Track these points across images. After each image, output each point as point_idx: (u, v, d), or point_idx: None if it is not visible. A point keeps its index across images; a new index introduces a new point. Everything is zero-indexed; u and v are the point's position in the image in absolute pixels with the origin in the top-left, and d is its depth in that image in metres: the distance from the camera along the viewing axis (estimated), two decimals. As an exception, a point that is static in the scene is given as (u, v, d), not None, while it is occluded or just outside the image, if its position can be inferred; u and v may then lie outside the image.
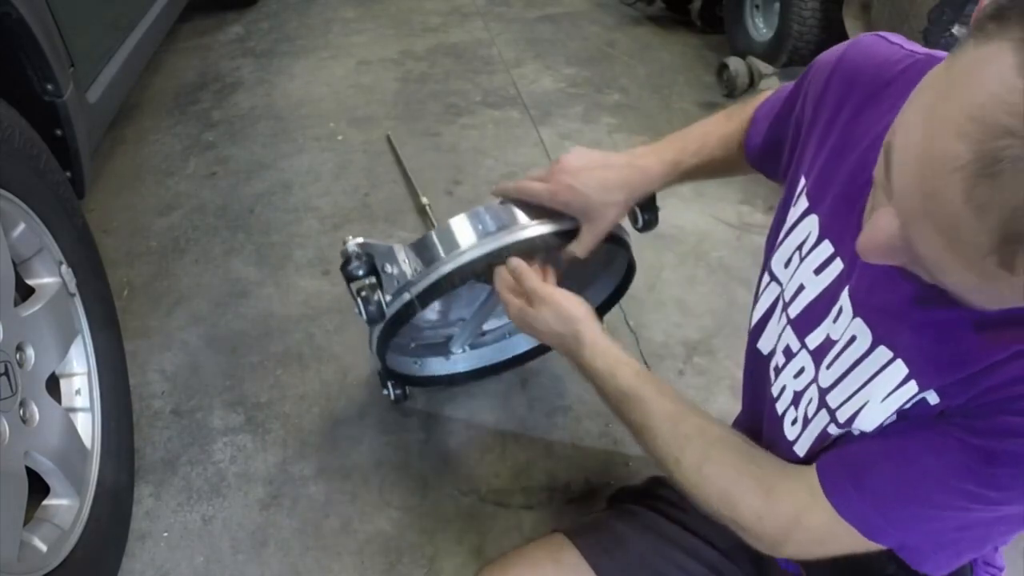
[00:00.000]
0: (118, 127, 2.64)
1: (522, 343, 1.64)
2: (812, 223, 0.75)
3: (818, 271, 0.73)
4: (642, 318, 1.82)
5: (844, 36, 2.60)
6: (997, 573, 0.82)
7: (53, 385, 1.21)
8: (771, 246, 0.84)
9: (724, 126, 1.00)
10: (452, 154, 2.52)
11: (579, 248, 1.08)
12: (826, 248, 0.73)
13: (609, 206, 1.03)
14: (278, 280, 1.98)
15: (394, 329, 1.18)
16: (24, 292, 1.16)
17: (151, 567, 1.33)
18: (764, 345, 0.82)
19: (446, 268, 1.09)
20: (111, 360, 1.35)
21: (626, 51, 3.35)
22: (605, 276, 1.50)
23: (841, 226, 0.72)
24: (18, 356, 1.08)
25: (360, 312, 1.12)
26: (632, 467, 1.48)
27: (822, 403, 0.71)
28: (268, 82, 3.07)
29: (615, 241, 1.18)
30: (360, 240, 1.12)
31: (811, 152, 0.79)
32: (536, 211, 1.11)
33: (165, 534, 1.38)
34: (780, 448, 0.77)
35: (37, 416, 1.10)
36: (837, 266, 0.72)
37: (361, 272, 1.12)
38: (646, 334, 1.78)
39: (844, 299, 0.70)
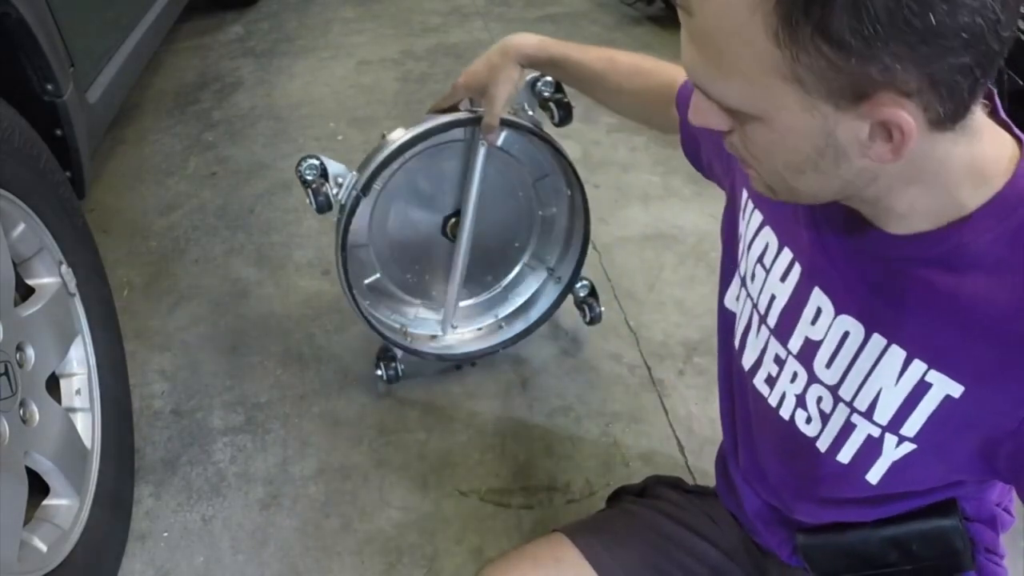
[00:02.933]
0: (118, 127, 2.63)
1: (518, 327, 1.66)
2: (768, 234, 0.77)
3: (783, 278, 0.75)
4: (642, 318, 1.83)
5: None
6: (999, 560, 0.82)
7: (53, 385, 1.21)
8: (733, 260, 0.85)
9: (620, 54, 1.13)
10: (452, 154, 2.52)
11: (488, 116, 1.30)
12: (786, 255, 0.74)
13: (494, 70, 1.24)
14: (278, 280, 1.98)
15: (348, 223, 1.37)
16: (24, 292, 1.16)
17: (151, 567, 1.33)
18: (747, 361, 0.82)
19: (380, 156, 1.36)
20: (111, 360, 1.35)
21: (626, 51, 3.34)
22: (576, 231, 1.59)
23: (790, 230, 0.74)
24: (18, 356, 1.08)
25: (311, 202, 1.34)
26: (632, 467, 1.48)
27: (836, 399, 0.71)
28: (268, 82, 3.07)
29: (536, 134, 1.41)
30: (315, 154, 1.36)
31: None
32: (454, 111, 1.38)
33: (165, 534, 1.38)
34: (801, 452, 0.77)
35: (37, 416, 1.10)
36: (797, 269, 0.73)
37: (311, 175, 1.35)
38: (646, 334, 1.78)
39: (818, 298, 0.71)
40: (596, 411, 1.60)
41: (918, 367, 0.63)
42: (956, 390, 0.61)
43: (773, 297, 0.76)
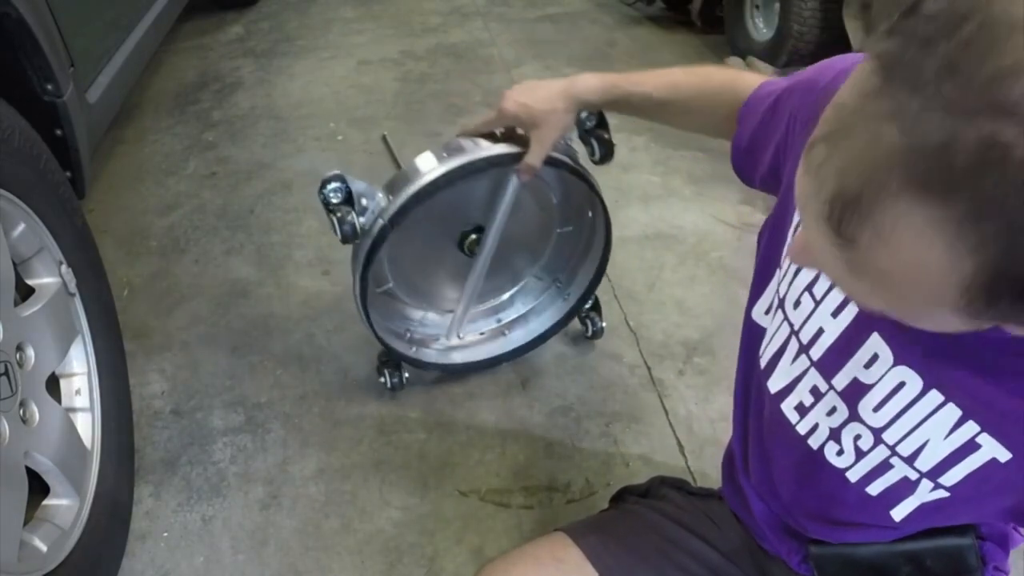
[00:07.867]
0: (118, 127, 2.64)
1: (519, 338, 1.65)
2: None
3: (835, 314, 0.72)
4: (642, 318, 1.82)
5: (844, 36, 2.60)
6: None
7: (53, 385, 1.21)
8: (770, 272, 0.82)
9: (683, 75, 1.04)
10: (452, 154, 2.52)
11: (532, 158, 1.21)
12: (840, 291, 0.71)
13: (551, 113, 1.15)
14: (278, 280, 1.98)
15: (372, 257, 1.29)
16: (24, 292, 1.16)
17: (151, 567, 1.33)
18: (775, 384, 0.81)
19: (412, 189, 1.24)
20: (111, 360, 1.35)
21: (626, 51, 3.35)
22: (593, 250, 1.58)
23: None
24: (18, 356, 1.08)
25: (336, 231, 1.25)
26: (632, 467, 1.48)
27: (878, 440, 0.70)
28: (268, 82, 3.07)
29: (576, 174, 1.33)
30: (338, 172, 1.25)
31: None
32: (493, 139, 1.27)
33: (165, 534, 1.38)
34: (825, 479, 0.76)
35: (37, 416, 1.10)
36: (852, 309, 0.70)
37: (337, 199, 1.25)
38: (646, 334, 1.78)
39: (876, 344, 0.68)
40: (596, 411, 1.60)
41: (971, 427, 0.63)
42: (1004, 455, 0.61)
43: (821, 331, 0.73)
